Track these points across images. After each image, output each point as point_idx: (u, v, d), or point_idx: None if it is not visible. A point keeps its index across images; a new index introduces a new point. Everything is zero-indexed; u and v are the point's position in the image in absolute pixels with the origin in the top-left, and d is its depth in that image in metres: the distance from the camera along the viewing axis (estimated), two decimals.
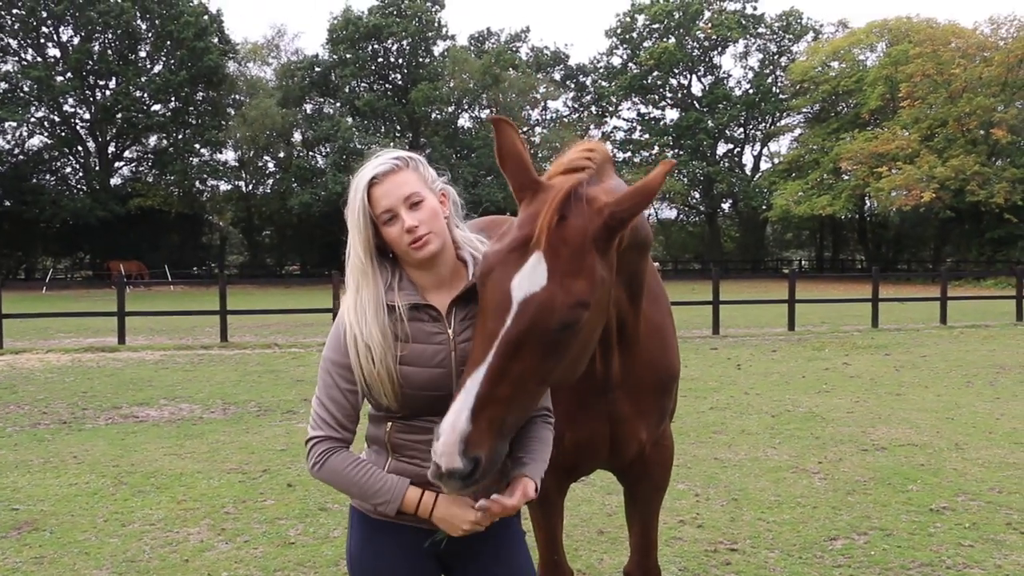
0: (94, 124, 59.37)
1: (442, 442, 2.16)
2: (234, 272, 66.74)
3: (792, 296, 22.03)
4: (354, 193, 2.44)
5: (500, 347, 2.20)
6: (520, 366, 2.22)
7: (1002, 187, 46.02)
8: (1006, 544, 5.66)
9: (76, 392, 12.25)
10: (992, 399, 11.26)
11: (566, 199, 2.29)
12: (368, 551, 2.56)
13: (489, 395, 2.18)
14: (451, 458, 2.15)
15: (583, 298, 2.24)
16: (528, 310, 2.21)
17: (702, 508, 6.56)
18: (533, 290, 2.21)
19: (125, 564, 5.40)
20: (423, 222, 2.41)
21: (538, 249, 2.24)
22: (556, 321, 2.22)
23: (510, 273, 2.25)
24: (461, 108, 63.89)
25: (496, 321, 2.22)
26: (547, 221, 2.24)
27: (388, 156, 2.48)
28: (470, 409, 2.17)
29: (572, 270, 2.24)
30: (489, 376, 2.19)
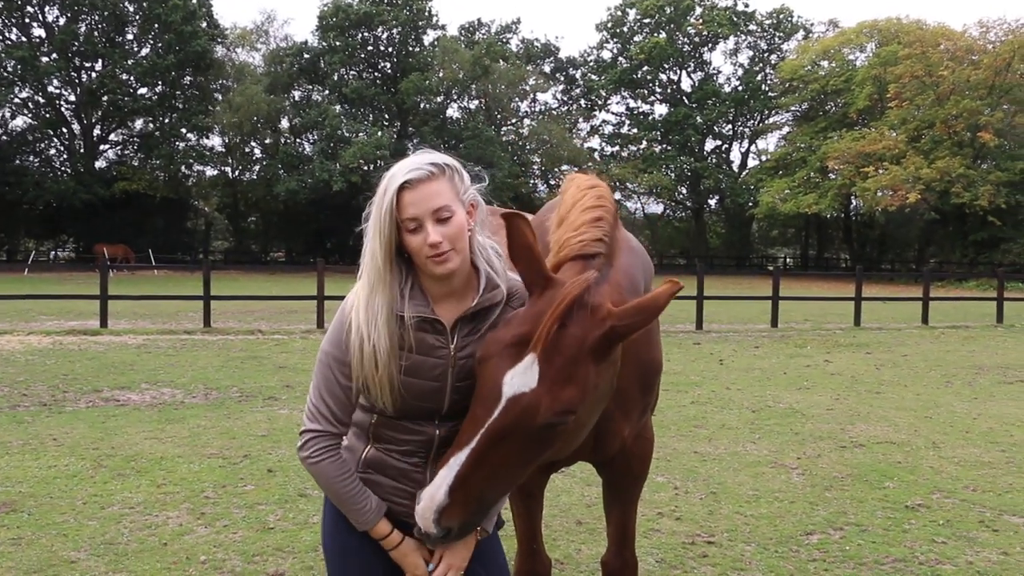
0: (79, 106, 58.88)
1: (421, 508, 2.31)
2: (219, 258, 66.38)
3: (776, 293, 22.13)
4: (382, 194, 2.36)
5: (484, 436, 2.29)
6: (501, 455, 2.32)
7: (987, 190, 46.27)
8: (978, 541, 5.73)
9: (57, 375, 12.20)
10: (970, 399, 11.36)
11: (569, 308, 2.33)
12: (338, 526, 2.59)
13: (468, 476, 2.30)
14: (427, 524, 2.32)
15: (570, 406, 2.31)
16: (514, 408, 2.28)
17: (681, 501, 6.60)
18: (522, 390, 2.28)
19: (104, 546, 5.40)
20: (448, 238, 2.36)
21: (534, 351, 2.29)
22: (540, 423, 2.29)
23: (504, 367, 2.31)
24: (450, 98, 63.70)
25: (485, 410, 2.31)
26: (547, 327, 2.30)
27: (425, 160, 2.39)
28: (448, 486, 2.29)
29: (563, 378, 2.30)
30: (470, 460, 2.29)
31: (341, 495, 2.48)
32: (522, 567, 3.51)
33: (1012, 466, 7.77)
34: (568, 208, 2.84)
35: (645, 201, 75.93)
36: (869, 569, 5.22)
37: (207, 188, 65.80)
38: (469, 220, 2.45)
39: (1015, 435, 9.10)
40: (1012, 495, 6.84)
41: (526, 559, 3.49)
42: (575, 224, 2.72)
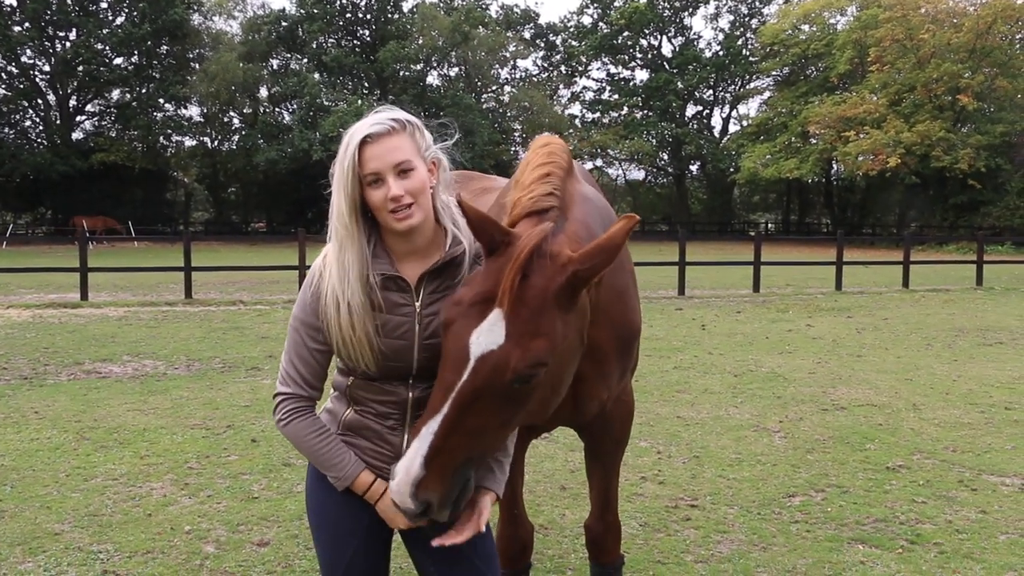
0: (54, 77, 58.10)
1: (396, 482, 2.26)
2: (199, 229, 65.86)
3: (758, 258, 22.20)
4: (344, 149, 2.37)
5: (455, 400, 2.24)
6: (475, 418, 2.26)
7: (966, 153, 46.42)
8: (957, 500, 5.80)
9: (37, 348, 12.13)
10: (950, 361, 11.45)
11: (528, 258, 2.29)
12: (319, 490, 2.60)
13: (443, 445, 2.24)
14: (403, 499, 2.26)
15: (540, 358, 2.26)
16: (484, 367, 2.24)
17: (664, 465, 6.64)
18: (490, 348, 2.24)
19: (87, 518, 5.39)
20: (409, 192, 2.36)
21: (499, 307, 2.26)
22: (510, 379, 2.24)
23: (470, 327, 2.27)
24: (430, 66, 63.23)
25: (453, 373, 2.26)
26: (509, 281, 2.25)
27: (386, 115, 2.40)
28: (423, 456, 2.23)
29: (530, 330, 2.26)
30: (444, 427, 2.23)
31: (315, 453, 2.48)
32: (504, 533, 3.53)
33: (991, 427, 7.86)
34: (522, 170, 2.82)
35: (626, 167, 75.96)
36: (851, 530, 5.28)
37: (186, 159, 65.22)
38: (431, 177, 2.46)
39: (994, 396, 9.19)
40: (991, 455, 6.92)
41: (508, 525, 3.51)
42: (525, 183, 2.71)
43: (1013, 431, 7.69)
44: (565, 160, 2.86)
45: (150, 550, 4.92)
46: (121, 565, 4.72)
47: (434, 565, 2.61)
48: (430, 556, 2.60)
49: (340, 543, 2.58)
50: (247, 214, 69.54)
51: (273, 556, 4.86)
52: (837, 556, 4.88)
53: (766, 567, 4.73)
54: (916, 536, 5.16)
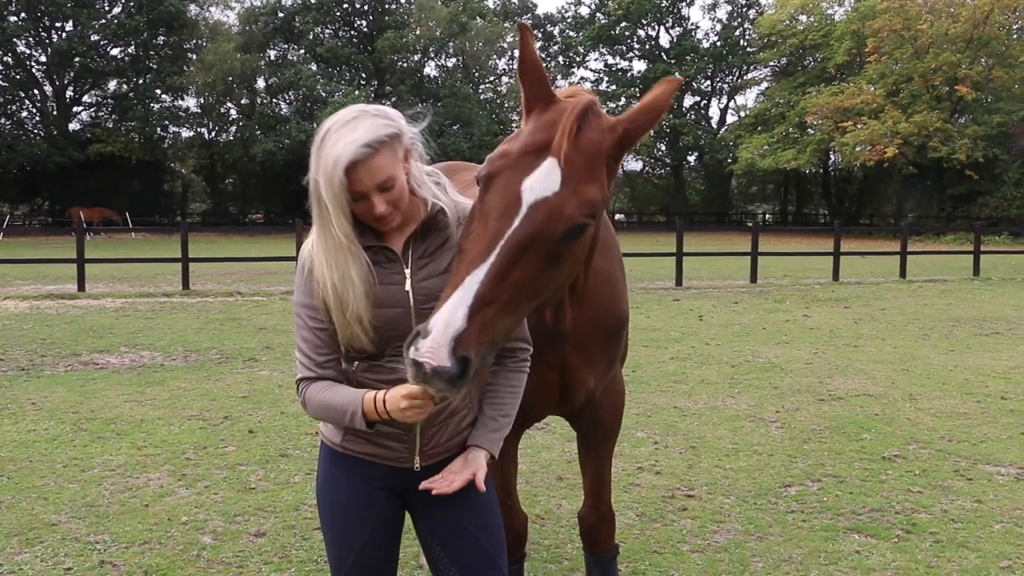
0: (50, 68, 57.99)
1: (431, 339, 2.04)
2: (196, 220, 65.92)
3: (755, 249, 22.20)
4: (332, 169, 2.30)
5: (506, 248, 2.13)
6: (521, 272, 2.15)
7: (963, 144, 46.41)
8: (953, 490, 5.81)
9: (35, 339, 12.12)
10: (947, 351, 11.47)
11: (584, 112, 2.27)
12: (330, 481, 2.61)
13: (488, 296, 2.09)
14: (440, 356, 2.01)
15: (594, 208, 2.23)
16: (538, 214, 2.16)
17: (661, 455, 6.65)
18: (545, 194, 2.18)
19: (84, 509, 5.39)
20: (391, 203, 2.38)
21: (554, 155, 2.21)
22: (564, 228, 2.19)
23: (521, 176, 2.20)
24: (427, 56, 63.16)
25: (502, 221, 2.16)
26: (568, 128, 2.22)
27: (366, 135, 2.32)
28: (468, 307, 2.06)
29: (585, 179, 2.23)
30: (491, 276, 2.10)
31: (328, 407, 2.44)
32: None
33: (987, 416, 7.87)
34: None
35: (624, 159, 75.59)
36: (847, 519, 5.29)
37: (183, 150, 65.18)
38: (405, 165, 2.44)
39: (990, 386, 9.21)
40: (986, 444, 6.93)
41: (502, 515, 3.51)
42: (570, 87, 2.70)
43: (1009, 420, 7.71)
44: None
45: (147, 540, 4.92)
46: (118, 555, 4.72)
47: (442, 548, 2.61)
48: (438, 540, 2.61)
49: (351, 536, 2.58)
50: (244, 205, 69.49)
51: (270, 546, 4.87)
52: (833, 546, 4.89)
53: (762, 557, 4.75)
54: (912, 525, 5.17)
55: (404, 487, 2.58)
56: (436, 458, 2.55)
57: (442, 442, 2.55)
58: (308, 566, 4.59)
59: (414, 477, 2.54)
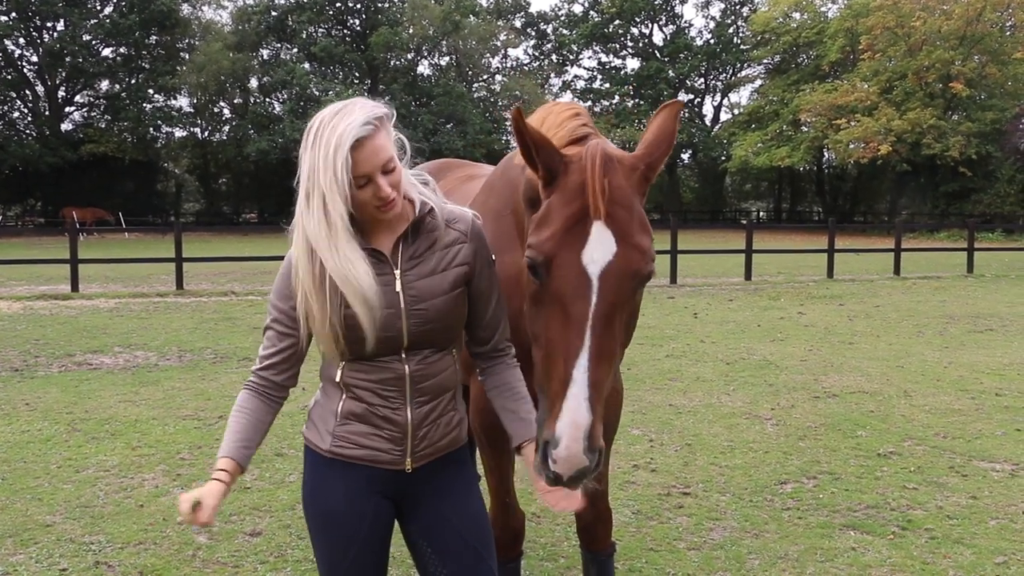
0: (42, 67, 57.77)
1: (565, 446, 2.06)
2: (190, 220, 65.79)
3: (749, 246, 22.22)
4: (335, 153, 2.29)
5: (595, 327, 2.14)
6: (611, 339, 2.18)
7: (957, 141, 46.49)
8: (948, 486, 5.82)
9: (28, 340, 12.09)
10: (941, 348, 11.49)
11: (605, 164, 2.24)
12: (319, 489, 2.56)
13: (597, 379, 2.11)
14: (578, 460, 2.05)
15: (652, 252, 2.25)
16: (610, 282, 2.17)
17: (656, 453, 6.65)
18: (608, 259, 2.18)
19: (79, 509, 5.38)
20: (393, 186, 2.37)
21: (598, 218, 2.20)
22: (634, 284, 2.22)
23: (578, 250, 2.19)
24: (421, 55, 63.08)
25: (580, 303, 2.16)
26: (600, 187, 2.20)
27: (365, 114, 2.33)
28: (587, 400, 2.08)
29: (635, 229, 2.23)
30: (593, 359, 2.12)
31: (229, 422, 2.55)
32: (496, 522, 3.52)
33: (981, 413, 7.88)
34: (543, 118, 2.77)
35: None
36: (842, 516, 5.29)
37: (176, 150, 65.02)
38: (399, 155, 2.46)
39: (984, 383, 9.23)
40: (981, 441, 6.94)
41: (500, 514, 3.50)
42: (555, 124, 2.65)
43: (1003, 417, 7.72)
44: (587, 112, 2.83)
45: (142, 541, 4.91)
46: (113, 556, 4.71)
47: (432, 549, 2.59)
48: (430, 545, 2.59)
49: (343, 544, 2.53)
50: (238, 205, 69.34)
51: (266, 546, 4.86)
52: (829, 542, 4.89)
53: (758, 554, 4.75)
54: (907, 522, 5.18)
55: (396, 488, 2.56)
56: (427, 459, 2.53)
57: (433, 442, 2.53)
58: (304, 565, 4.58)
59: (406, 479, 2.53)
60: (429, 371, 2.48)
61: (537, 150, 2.29)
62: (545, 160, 2.31)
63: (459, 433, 2.61)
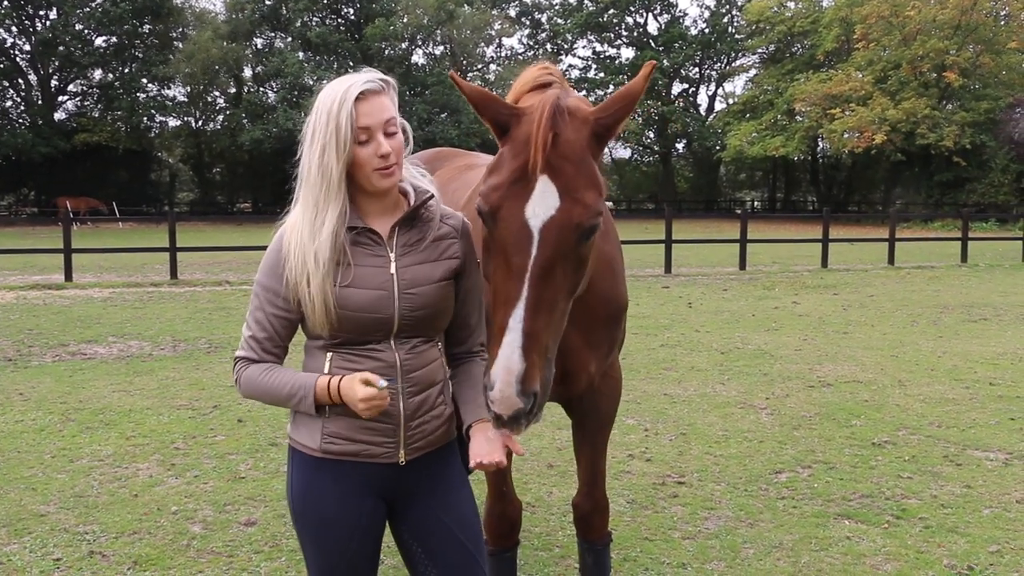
0: (35, 56, 57.47)
1: (498, 388, 2.15)
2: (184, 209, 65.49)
3: (744, 236, 22.23)
4: (339, 105, 2.32)
5: (532, 279, 2.20)
6: (552, 290, 2.24)
7: (951, 131, 46.48)
8: (942, 475, 5.83)
9: (22, 329, 12.05)
10: (935, 337, 11.51)
11: (552, 116, 2.26)
12: (310, 493, 2.50)
13: (533, 328, 2.18)
14: (511, 401, 2.14)
15: (597, 206, 2.27)
16: (550, 235, 2.22)
17: (651, 443, 6.66)
18: (550, 213, 2.22)
19: (73, 499, 5.37)
20: (395, 151, 2.38)
21: (542, 172, 2.23)
22: (576, 235, 2.24)
23: (521, 204, 2.24)
24: (415, 44, 62.87)
25: (520, 255, 2.22)
26: (543, 141, 2.23)
27: (375, 75, 2.40)
28: (520, 348, 2.16)
29: (580, 183, 2.25)
30: (529, 310, 2.19)
31: (272, 389, 2.42)
32: (493, 510, 3.53)
33: (975, 402, 7.90)
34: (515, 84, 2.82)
35: (612, 146, 75.72)
36: (837, 505, 5.30)
37: (170, 139, 64.77)
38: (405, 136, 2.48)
39: (978, 372, 9.24)
40: (975, 430, 6.96)
41: (496, 502, 3.51)
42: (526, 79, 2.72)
43: (997, 406, 7.74)
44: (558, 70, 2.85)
45: (136, 531, 4.90)
46: (108, 546, 4.70)
47: (422, 548, 2.57)
48: (421, 545, 2.57)
49: (336, 547, 2.50)
50: (232, 194, 69.13)
51: (260, 535, 4.85)
52: (823, 532, 4.90)
53: (753, 543, 4.75)
54: (902, 511, 5.19)
55: (389, 487, 2.53)
56: (420, 452, 2.52)
57: (426, 435, 2.52)
58: (299, 555, 4.57)
59: (399, 474, 2.51)
60: (418, 361, 2.48)
61: (479, 107, 2.37)
62: (491, 115, 2.37)
63: (450, 427, 2.60)
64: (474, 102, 2.38)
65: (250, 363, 2.47)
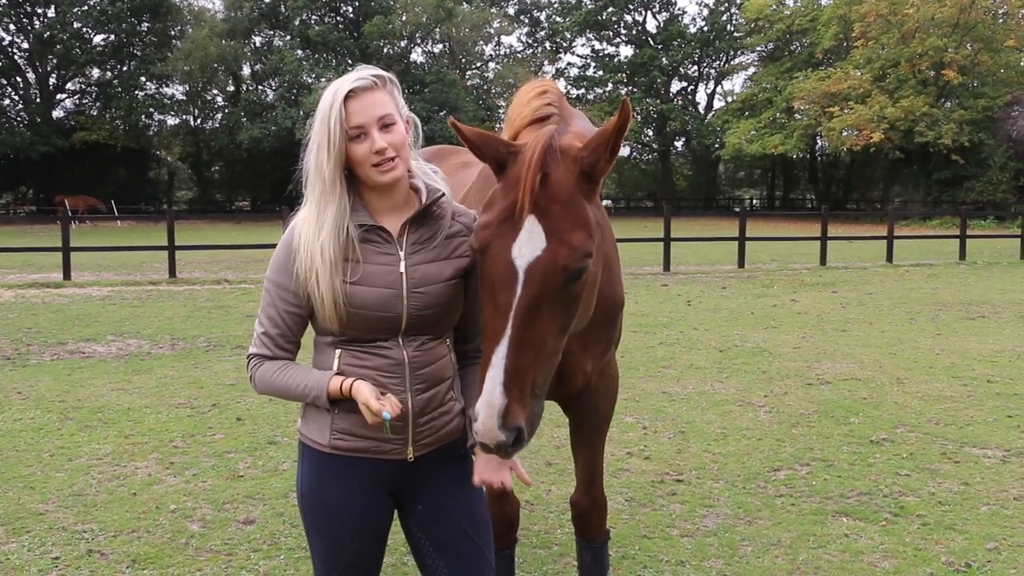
0: (33, 54, 57.43)
1: (481, 421, 2.18)
2: (183, 208, 65.55)
3: (743, 234, 22.23)
4: (329, 105, 2.37)
5: (516, 317, 2.21)
6: (538, 329, 2.25)
7: (950, 128, 46.50)
8: (940, 473, 5.84)
9: (20, 328, 12.05)
10: (933, 335, 11.51)
11: (543, 156, 2.27)
12: (319, 487, 2.52)
13: (516, 365, 2.20)
14: (493, 434, 2.17)
15: (585, 248, 2.26)
16: (535, 275, 2.22)
17: (649, 440, 6.66)
18: (535, 254, 2.22)
19: (72, 498, 5.37)
20: (392, 145, 2.38)
21: (529, 212, 2.24)
22: (563, 278, 2.24)
23: (508, 243, 2.25)
24: (414, 42, 62.87)
25: (506, 293, 2.23)
26: (530, 183, 2.23)
27: (367, 72, 2.42)
28: (502, 384, 2.18)
29: (568, 225, 2.25)
30: (512, 347, 2.20)
31: (286, 386, 2.45)
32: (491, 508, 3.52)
33: (973, 399, 7.91)
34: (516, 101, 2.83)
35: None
36: (835, 503, 5.31)
37: (169, 137, 64.86)
38: (406, 127, 2.49)
39: (976, 369, 9.25)
40: (973, 427, 6.97)
41: (494, 500, 3.50)
42: (522, 103, 2.72)
43: (995, 404, 7.74)
44: (558, 90, 2.87)
45: (135, 529, 4.90)
46: (106, 544, 4.70)
47: (429, 541, 2.59)
48: (428, 538, 2.59)
49: (342, 541, 2.52)
50: (231, 192, 69.17)
51: (259, 534, 4.85)
52: (821, 529, 4.91)
53: (751, 541, 4.76)
54: (899, 508, 5.19)
55: (398, 482, 2.55)
56: (428, 448, 2.52)
57: (435, 431, 2.52)
58: (297, 553, 4.58)
59: (408, 469, 2.52)
60: (426, 358, 2.49)
61: (479, 148, 2.39)
62: (490, 155, 2.39)
63: (459, 422, 2.60)
64: (473, 144, 2.39)
65: (264, 360, 2.49)
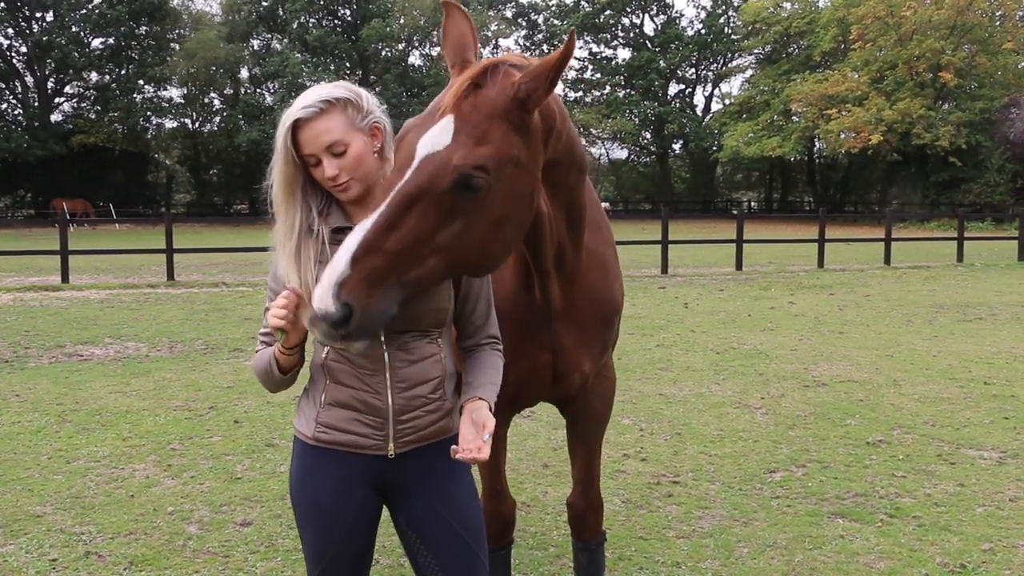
0: (31, 58, 57.43)
1: (319, 286, 2.12)
2: (181, 211, 65.59)
3: (740, 236, 22.25)
4: (279, 132, 2.46)
5: (394, 198, 2.18)
6: (412, 222, 2.18)
7: (947, 131, 46.57)
8: (936, 474, 5.85)
9: (18, 331, 12.05)
10: (930, 337, 11.53)
11: (483, 71, 2.31)
12: (305, 479, 2.57)
13: (374, 243, 2.14)
14: (324, 299, 2.08)
15: (482, 162, 2.21)
16: (427, 166, 2.20)
17: (646, 442, 6.67)
18: (436, 148, 2.22)
19: (70, 500, 5.38)
20: (344, 169, 2.42)
21: (448, 112, 2.26)
22: (451, 179, 2.18)
23: (419, 134, 2.27)
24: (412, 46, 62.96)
25: (397, 175, 2.23)
26: (459, 87, 2.27)
27: (316, 96, 2.45)
28: (351, 253, 2.12)
29: (478, 135, 2.23)
30: (377, 225, 2.15)
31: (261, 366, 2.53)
32: (487, 509, 3.53)
33: (970, 401, 7.93)
34: None
35: (609, 146, 75.95)
36: (831, 504, 5.32)
37: (167, 140, 64.84)
38: (374, 143, 2.50)
39: (973, 371, 9.27)
40: (969, 429, 6.98)
41: (490, 501, 3.52)
42: None
43: (991, 405, 7.76)
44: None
45: (133, 531, 4.91)
46: (104, 546, 4.71)
47: (419, 538, 2.60)
48: (419, 536, 2.60)
49: (329, 533, 2.55)
50: (229, 196, 69.13)
51: (256, 536, 4.87)
52: (817, 530, 4.92)
53: (747, 542, 4.77)
54: (895, 510, 5.21)
55: (381, 478, 2.57)
56: (410, 446, 2.53)
57: (418, 430, 2.53)
58: (294, 555, 4.59)
59: (390, 466, 2.53)
60: (410, 357, 2.50)
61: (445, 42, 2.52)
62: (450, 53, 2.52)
63: (448, 422, 2.60)
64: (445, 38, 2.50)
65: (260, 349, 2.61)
